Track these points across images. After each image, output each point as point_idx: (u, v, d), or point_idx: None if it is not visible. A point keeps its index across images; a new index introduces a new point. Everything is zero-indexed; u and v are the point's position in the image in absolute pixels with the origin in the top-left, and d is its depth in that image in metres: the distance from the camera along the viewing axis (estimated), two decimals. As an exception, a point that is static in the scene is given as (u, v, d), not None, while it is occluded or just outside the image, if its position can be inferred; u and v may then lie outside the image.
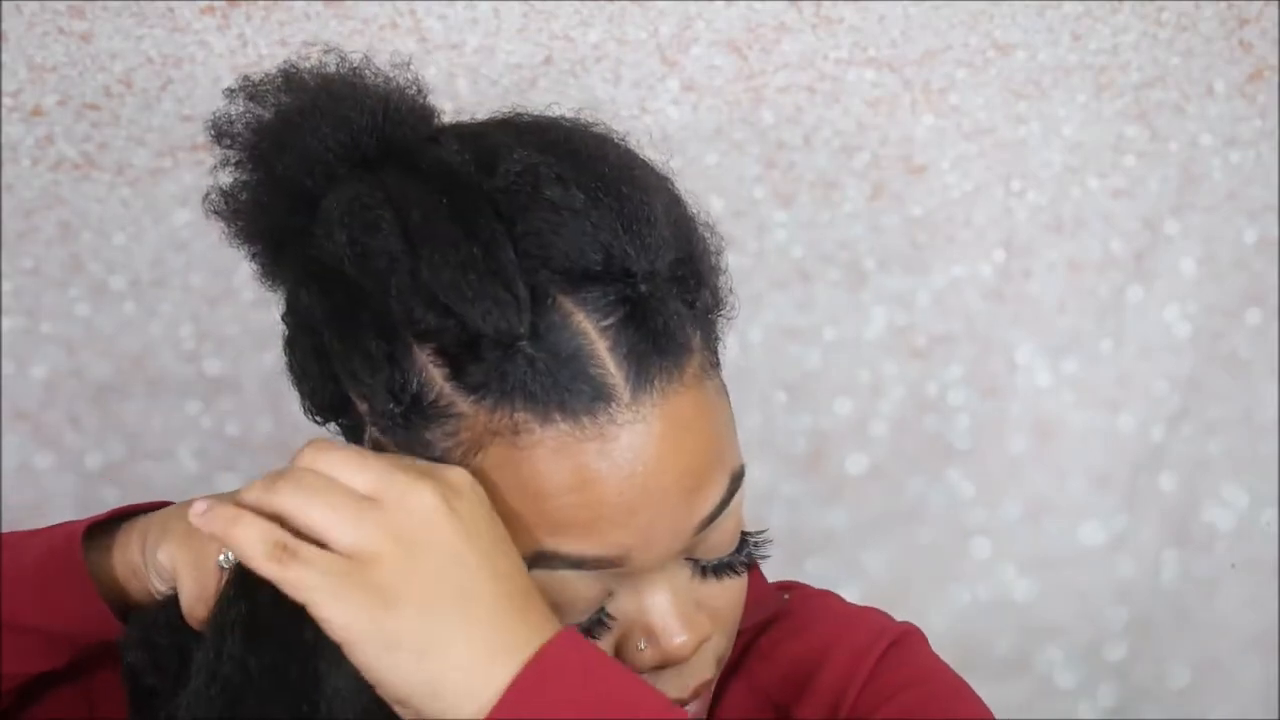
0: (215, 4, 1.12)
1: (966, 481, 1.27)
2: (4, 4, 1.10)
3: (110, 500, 1.19)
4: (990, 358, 1.25)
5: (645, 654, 0.70)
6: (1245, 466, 1.28)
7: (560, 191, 0.67)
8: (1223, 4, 1.19)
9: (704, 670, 0.73)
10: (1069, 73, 1.20)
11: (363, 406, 0.70)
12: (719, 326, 0.74)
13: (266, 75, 0.75)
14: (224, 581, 0.70)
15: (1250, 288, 1.25)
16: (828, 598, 0.87)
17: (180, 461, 1.20)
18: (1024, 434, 1.26)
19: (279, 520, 0.64)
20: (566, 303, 0.66)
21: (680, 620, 0.70)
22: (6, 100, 1.12)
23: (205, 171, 1.14)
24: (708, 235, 0.74)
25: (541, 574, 0.67)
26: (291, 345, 0.74)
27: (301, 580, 0.62)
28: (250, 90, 0.75)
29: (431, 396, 0.67)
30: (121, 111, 1.14)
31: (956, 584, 1.28)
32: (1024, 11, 1.18)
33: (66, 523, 0.78)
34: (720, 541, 0.72)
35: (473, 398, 0.66)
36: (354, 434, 0.73)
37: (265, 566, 0.63)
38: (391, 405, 0.68)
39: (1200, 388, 1.27)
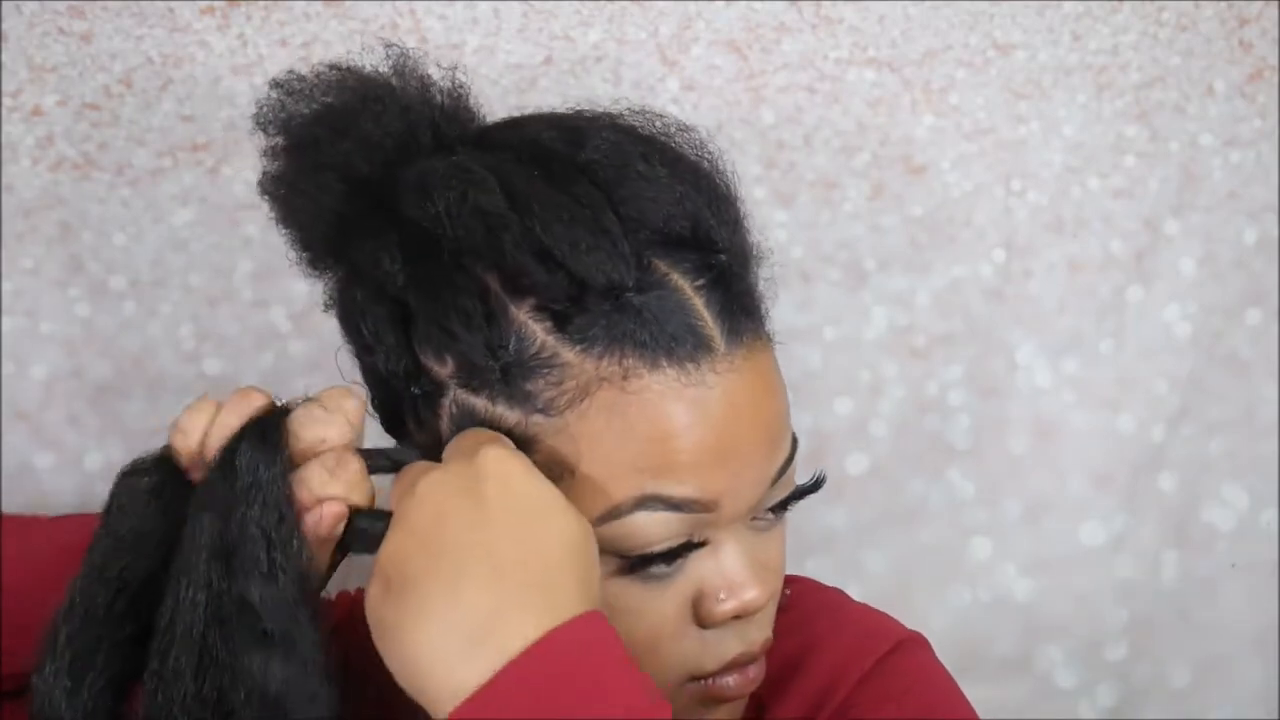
0: (215, 4, 1.12)
1: (966, 481, 1.27)
2: (4, 4, 1.10)
3: (110, 500, 1.20)
4: (990, 358, 1.25)
5: (727, 605, 0.73)
6: (1245, 466, 1.28)
7: (646, 166, 0.72)
8: (1223, 4, 1.19)
9: (766, 627, 0.76)
10: (1069, 73, 1.20)
11: (445, 370, 0.72)
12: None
13: (315, 68, 0.78)
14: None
15: (1250, 288, 1.25)
16: (830, 594, 0.88)
17: (180, 461, 1.20)
18: (1024, 434, 1.26)
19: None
20: (661, 264, 0.71)
21: (753, 572, 0.74)
22: (6, 100, 1.12)
23: (205, 171, 1.15)
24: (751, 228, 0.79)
25: (643, 516, 0.70)
26: (362, 315, 0.75)
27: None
28: (290, 85, 0.78)
29: (534, 349, 0.70)
30: (121, 111, 1.14)
31: (956, 584, 1.28)
32: (1024, 11, 1.18)
33: (71, 519, 0.80)
34: (778, 495, 0.75)
35: (579, 347, 0.70)
36: (429, 402, 0.74)
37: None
38: (490, 361, 0.70)
39: (1200, 388, 1.27)
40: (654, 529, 0.70)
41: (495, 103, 0.84)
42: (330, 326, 1.18)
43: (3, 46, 1.11)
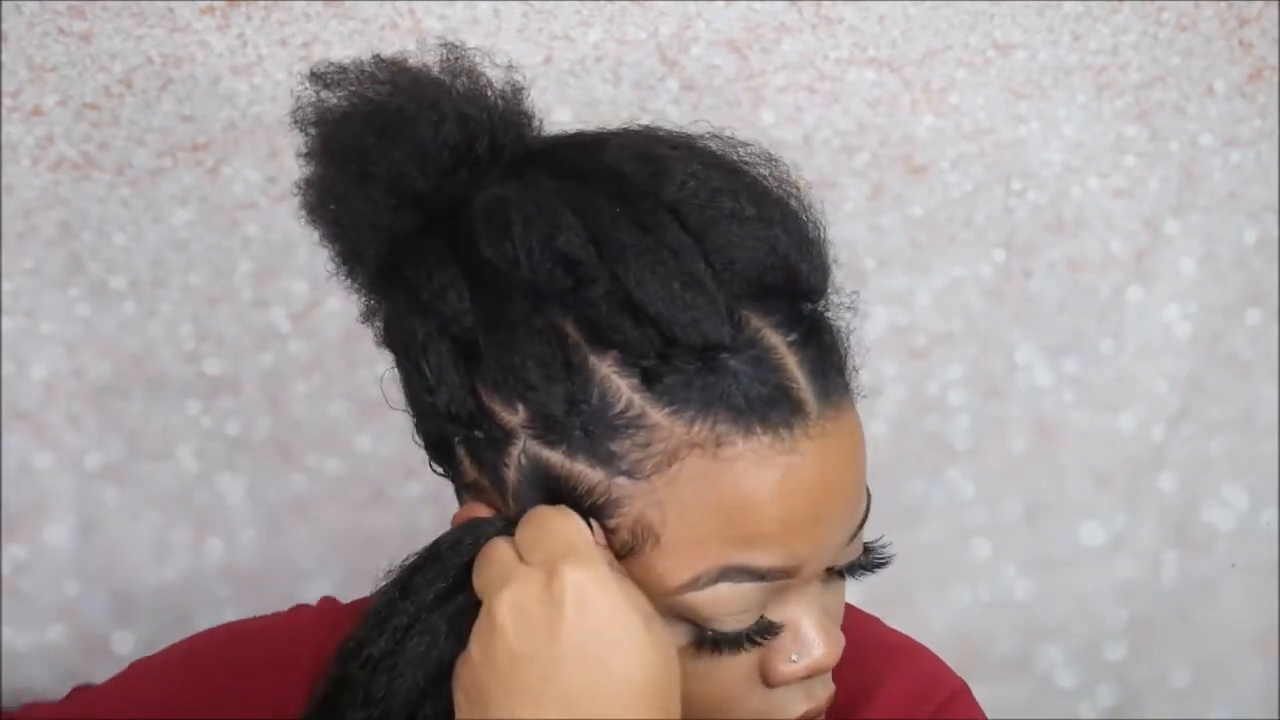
0: (215, 4, 1.12)
1: (966, 481, 1.27)
2: (4, 4, 1.10)
3: (110, 500, 1.20)
4: (990, 358, 1.25)
5: (797, 666, 0.70)
6: (1245, 466, 1.28)
7: (734, 205, 0.68)
8: (1223, 4, 1.19)
9: (830, 682, 0.74)
10: (1069, 73, 1.20)
11: (515, 418, 0.68)
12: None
13: (357, 61, 0.73)
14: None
15: (1250, 288, 1.25)
16: (871, 625, 0.86)
17: (180, 461, 1.20)
18: (1024, 434, 1.26)
19: None
20: (753, 318, 0.67)
21: (823, 631, 0.71)
22: (6, 100, 1.12)
23: (205, 171, 1.15)
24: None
25: (725, 587, 0.67)
26: (422, 351, 0.69)
27: None
28: (329, 78, 0.73)
29: (619, 407, 0.66)
30: (121, 111, 1.14)
31: (956, 584, 1.28)
32: (1024, 11, 1.18)
33: None
34: (851, 553, 0.73)
35: (669, 409, 0.66)
36: (493, 446, 0.69)
37: None
38: (569, 415, 0.66)
39: (1200, 388, 1.27)
40: (735, 599, 0.67)
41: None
42: (330, 326, 1.19)
43: (3, 46, 1.11)
